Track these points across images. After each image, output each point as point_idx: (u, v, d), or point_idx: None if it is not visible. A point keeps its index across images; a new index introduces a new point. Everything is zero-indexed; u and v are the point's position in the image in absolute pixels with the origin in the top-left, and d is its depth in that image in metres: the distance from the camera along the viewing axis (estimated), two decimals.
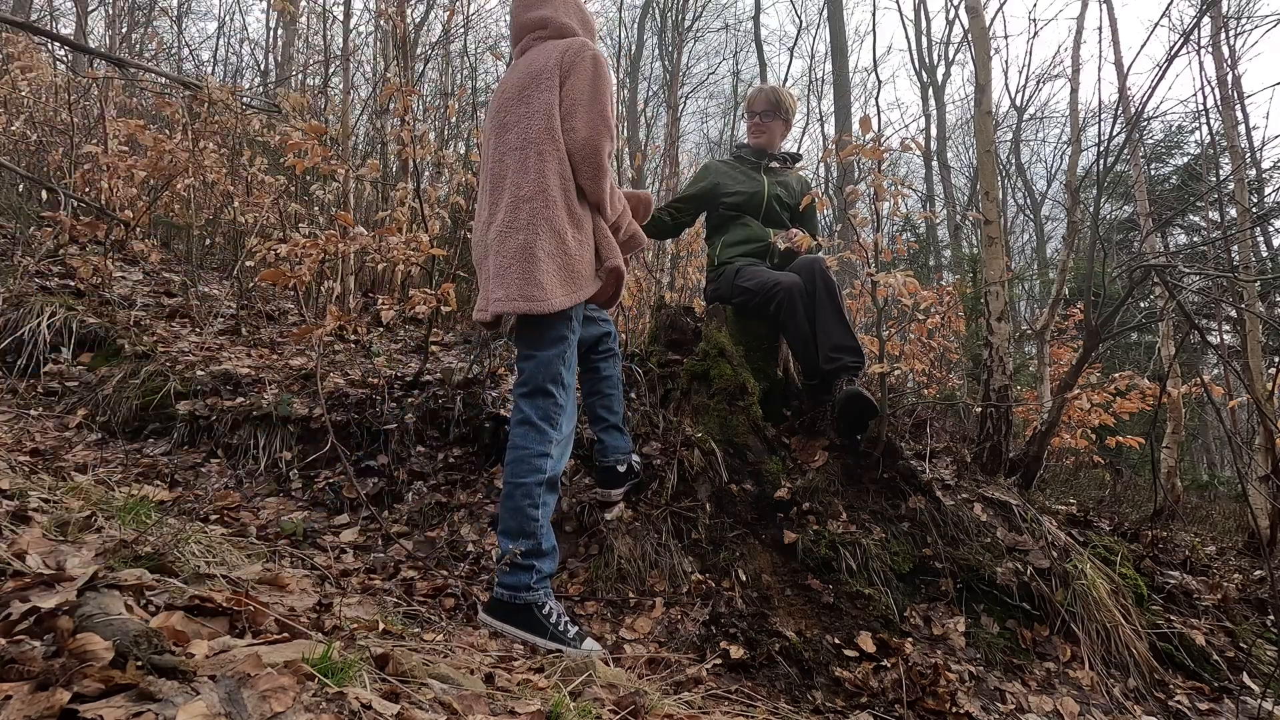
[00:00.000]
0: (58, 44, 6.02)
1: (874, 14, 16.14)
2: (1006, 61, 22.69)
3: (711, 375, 2.49)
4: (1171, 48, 2.56)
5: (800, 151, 3.14)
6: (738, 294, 2.68)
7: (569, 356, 1.85)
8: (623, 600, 2.01)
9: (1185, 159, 11.47)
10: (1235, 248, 4.72)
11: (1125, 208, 10.92)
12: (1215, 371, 8.47)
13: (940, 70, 14.96)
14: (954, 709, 1.74)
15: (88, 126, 4.97)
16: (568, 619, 1.75)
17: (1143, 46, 3.09)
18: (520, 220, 1.78)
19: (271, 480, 2.47)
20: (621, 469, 2.21)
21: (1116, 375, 4.04)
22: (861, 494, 2.34)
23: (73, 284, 3.48)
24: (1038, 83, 25.74)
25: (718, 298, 2.79)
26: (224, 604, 1.01)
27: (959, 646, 1.99)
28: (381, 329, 3.73)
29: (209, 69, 11.64)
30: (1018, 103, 16.38)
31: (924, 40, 14.99)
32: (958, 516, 2.27)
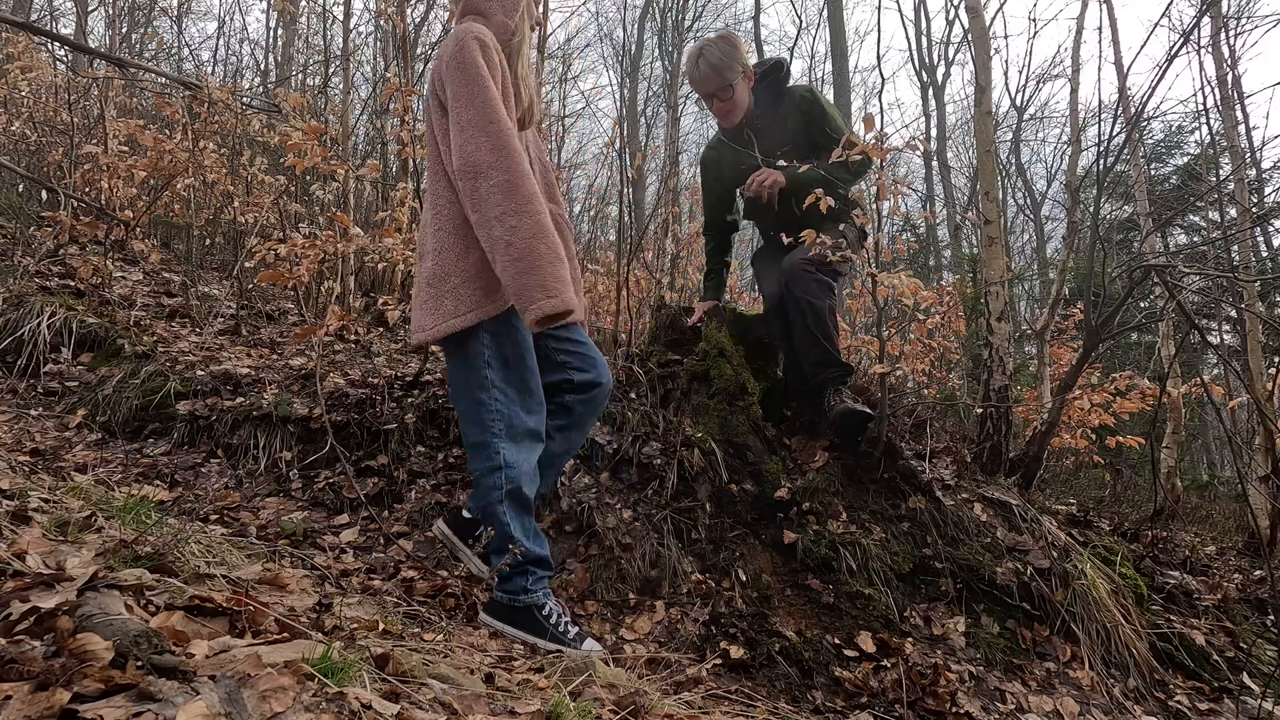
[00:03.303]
0: (58, 44, 6.02)
1: (878, 10, 16.11)
2: (1006, 61, 22.66)
3: (711, 375, 2.49)
4: (1171, 48, 2.56)
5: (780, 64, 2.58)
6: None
7: (491, 355, 1.70)
8: (623, 600, 2.01)
9: (1185, 159, 11.47)
10: (1235, 248, 4.72)
11: (1125, 208, 10.92)
12: (1215, 371, 8.47)
13: (940, 70, 14.97)
14: (954, 709, 1.74)
15: (88, 126, 4.97)
16: (568, 619, 1.74)
17: (1143, 46, 3.09)
18: (428, 245, 1.70)
19: (271, 480, 2.47)
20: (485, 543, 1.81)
21: (1116, 375, 4.04)
22: (861, 494, 2.34)
23: (73, 284, 3.48)
24: (1038, 83, 25.74)
25: None
26: (224, 604, 1.01)
27: (959, 646, 1.99)
28: (381, 329, 3.73)
29: (209, 69, 11.64)
30: (1018, 103, 16.39)
31: (924, 40, 14.99)
32: (958, 516, 2.27)
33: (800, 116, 2.48)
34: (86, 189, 4.19)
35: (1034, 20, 27.12)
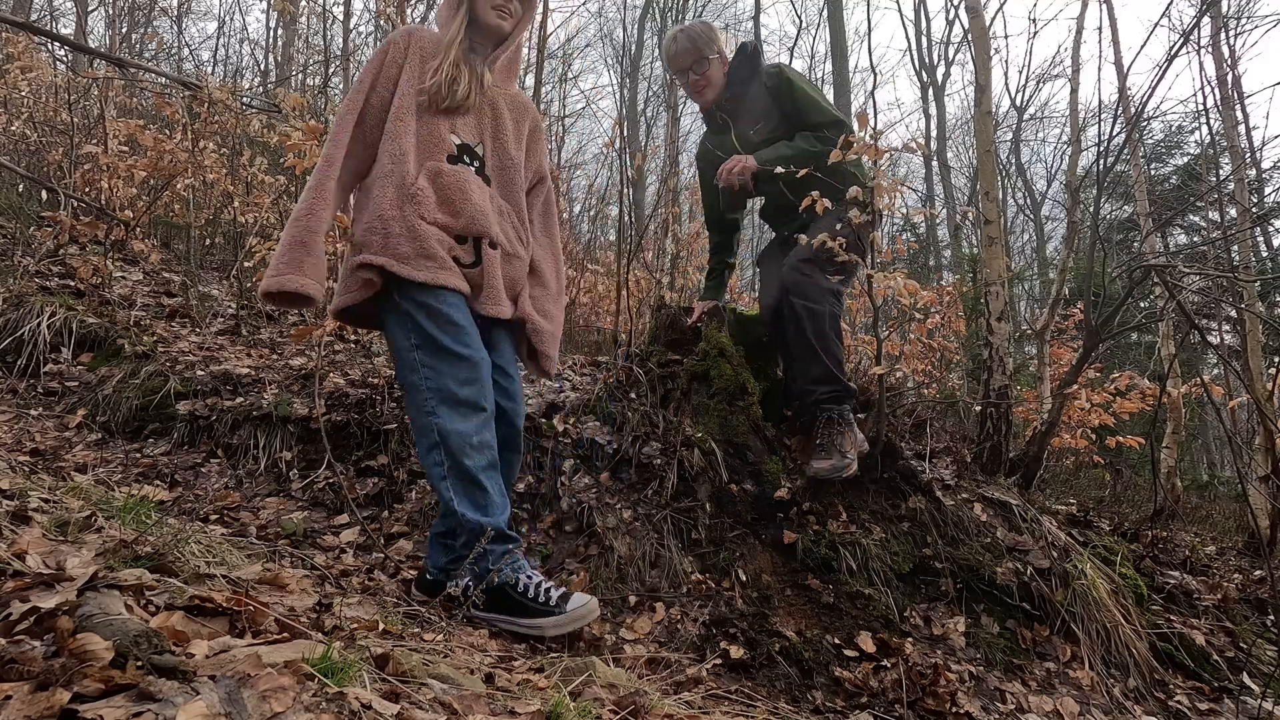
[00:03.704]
0: (58, 44, 6.02)
1: (868, 7, 16.10)
2: (1006, 61, 22.70)
3: (711, 375, 2.49)
4: (1171, 48, 2.56)
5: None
6: None
7: (417, 339, 1.70)
8: (623, 600, 2.01)
9: (1185, 159, 11.47)
10: (1235, 248, 4.72)
11: (1125, 208, 10.92)
12: (1215, 371, 8.47)
13: (940, 70, 14.97)
14: (954, 709, 1.74)
15: (88, 126, 4.97)
16: (548, 584, 1.66)
17: (1143, 46, 3.09)
18: None
19: (271, 480, 2.47)
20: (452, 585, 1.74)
21: (1116, 375, 4.04)
22: (861, 494, 2.34)
23: (73, 284, 3.48)
24: (1038, 83, 25.78)
25: None
26: (224, 604, 1.01)
27: (959, 646, 1.99)
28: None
29: (209, 69, 11.65)
30: (1018, 103, 16.42)
31: (924, 40, 15.00)
32: (958, 516, 2.27)
33: (768, 93, 2.44)
34: (86, 189, 4.19)
35: (1034, 20, 27.15)
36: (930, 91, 14.41)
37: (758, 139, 2.44)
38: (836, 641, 1.93)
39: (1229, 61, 4.99)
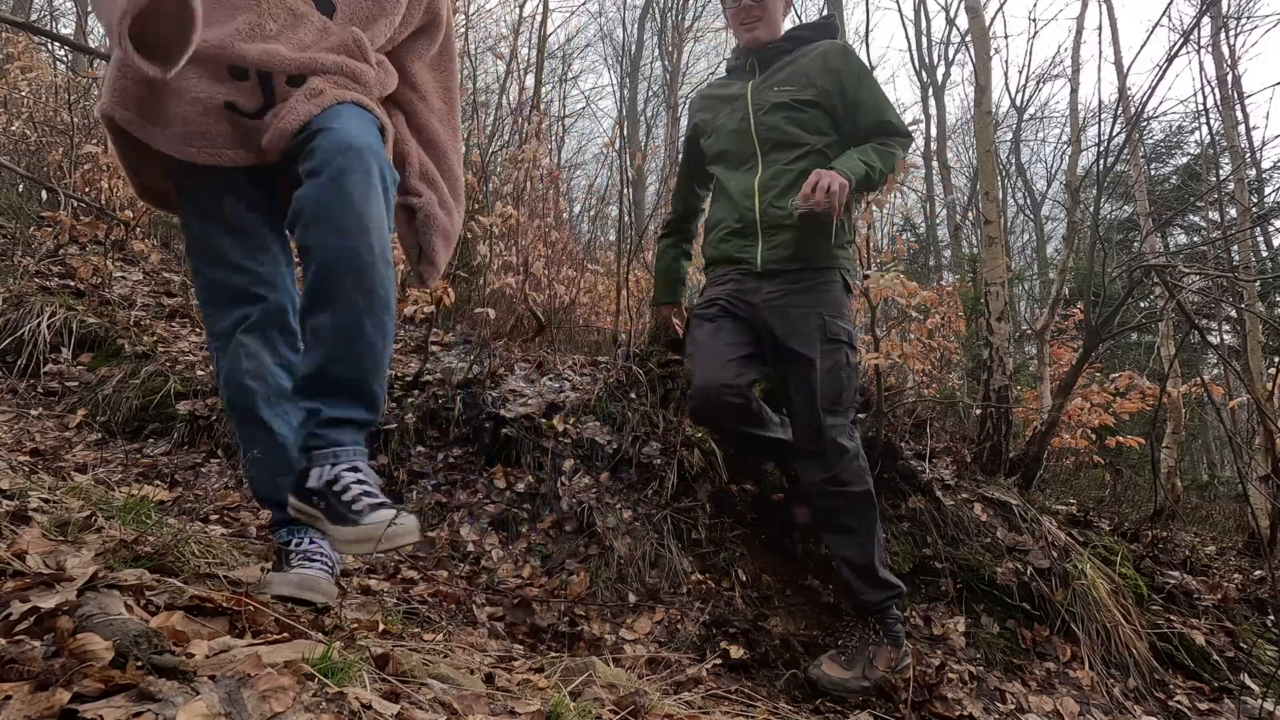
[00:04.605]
0: (58, 44, 6.03)
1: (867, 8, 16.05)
2: (1006, 61, 22.69)
3: None
4: (1171, 48, 2.56)
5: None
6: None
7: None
8: (623, 600, 2.01)
9: (1185, 159, 11.48)
10: (1235, 248, 4.73)
11: (1125, 208, 10.93)
12: (1215, 371, 8.48)
13: (940, 70, 14.97)
14: (955, 709, 1.74)
15: (88, 126, 4.96)
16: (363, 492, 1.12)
17: (1143, 46, 3.10)
18: None
19: None
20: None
21: (1116, 375, 4.04)
22: None
23: (73, 284, 3.48)
24: (1038, 83, 25.75)
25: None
26: (224, 604, 1.01)
27: (959, 646, 1.99)
28: None
29: None
30: (1018, 103, 16.40)
31: (924, 40, 15.00)
32: (958, 516, 2.27)
33: (822, 60, 1.93)
34: (86, 189, 4.19)
35: (1034, 20, 27.18)
36: (930, 91, 14.40)
37: (773, 100, 1.93)
38: (838, 642, 1.93)
39: (1229, 61, 4.99)
